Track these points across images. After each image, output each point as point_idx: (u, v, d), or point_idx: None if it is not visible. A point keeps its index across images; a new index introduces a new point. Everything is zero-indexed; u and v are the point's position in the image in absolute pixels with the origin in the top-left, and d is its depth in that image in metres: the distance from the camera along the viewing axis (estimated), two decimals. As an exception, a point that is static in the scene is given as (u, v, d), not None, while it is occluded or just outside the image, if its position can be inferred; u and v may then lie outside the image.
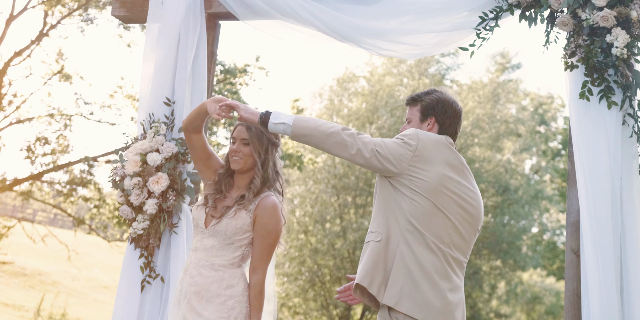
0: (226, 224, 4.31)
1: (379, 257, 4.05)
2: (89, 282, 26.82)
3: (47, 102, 18.47)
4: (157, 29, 5.30)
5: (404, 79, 25.78)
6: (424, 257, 4.04)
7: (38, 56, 17.54)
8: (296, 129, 4.07)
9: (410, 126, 4.45)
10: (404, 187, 4.11)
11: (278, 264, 24.30)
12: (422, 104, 4.44)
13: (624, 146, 4.23)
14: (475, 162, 25.04)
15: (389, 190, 4.16)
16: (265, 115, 4.09)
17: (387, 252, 4.05)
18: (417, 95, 4.52)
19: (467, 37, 4.82)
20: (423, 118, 4.42)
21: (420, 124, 4.42)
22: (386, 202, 4.16)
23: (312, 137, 4.08)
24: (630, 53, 4.24)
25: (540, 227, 31.04)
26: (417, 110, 4.45)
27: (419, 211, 4.08)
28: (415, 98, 4.51)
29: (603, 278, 4.05)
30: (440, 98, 4.43)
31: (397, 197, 4.12)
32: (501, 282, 27.00)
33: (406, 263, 4.02)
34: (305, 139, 4.09)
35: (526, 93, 30.71)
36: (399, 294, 3.98)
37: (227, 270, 4.32)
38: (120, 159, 5.18)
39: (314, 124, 4.08)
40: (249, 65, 18.60)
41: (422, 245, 4.06)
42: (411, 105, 4.50)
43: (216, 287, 4.27)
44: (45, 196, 19.60)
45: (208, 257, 4.33)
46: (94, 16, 18.51)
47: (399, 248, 4.04)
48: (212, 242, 4.34)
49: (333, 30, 4.93)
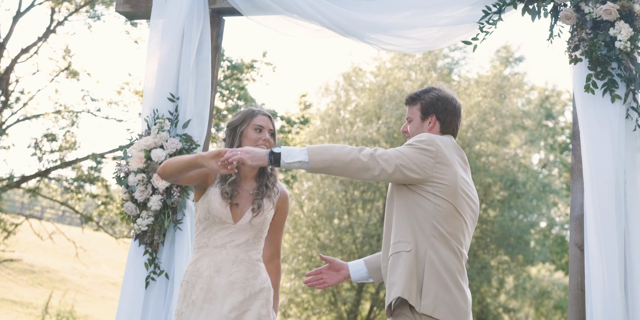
0: (263, 217, 4.32)
1: (412, 267, 4.03)
2: (97, 279, 26.90)
3: (55, 98, 18.56)
4: (161, 25, 5.30)
5: (411, 73, 25.75)
6: (450, 260, 4.06)
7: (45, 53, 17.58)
8: (314, 164, 4.00)
9: (411, 125, 4.46)
10: (426, 193, 4.11)
11: (286, 259, 24.34)
12: (422, 102, 4.44)
13: (627, 140, 4.22)
14: (482, 156, 25.01)
15: (409, 197, 4.15)
16: (275, 156, 3.98)
17: (417, 260, 4.04)
18: (416, 93, 4.51)
19: (471, 31, 4.82)
20: (424, 116, 4.42)
21: (421, 123, 4.42)
22: (408, 209, 4.14)
23: (331, 168, 4.02)
24: (634, 46, 4.23)
25: (548, 222, 30.98)
26: (417, 109, 4.44)
27: (443, 215, 4.09)
28: (414, 97, 4.49)
29: (607, 272, 4.05)
30: (440, 95, 4.43)
31: (420, 202, 4.11)
32: (509, 276, 26.97)
33: (437, 269, 4.03)
34: (325, 171, 4.03)
35: (533, 87, 30.63)
36: (434, 301, 3.98)
37: (260, 264, 4.36)
38: (124, 155, 5.19)
39: (330, 156, 4.00)
40: (256, 60, 18.61)
41: (448, 249, 4.08)
42: (411, 104, 4.49)
43: (259, 282, 4.28)
44: (53, 193, 19.66)
45: (244, 252, 4.31)
46: (101, 12, 18.55)
47: (427, 255, 4.04)
48: (246, 236, 4.32)
49: (336, 24, 4.93)
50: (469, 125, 24.82)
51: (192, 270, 4.30)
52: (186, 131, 5.14)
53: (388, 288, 4.10)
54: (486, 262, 24.89)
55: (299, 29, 5.16)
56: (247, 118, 4.43)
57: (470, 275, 23.70)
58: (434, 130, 4.40)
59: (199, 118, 5.19)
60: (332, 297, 24.78)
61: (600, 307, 4.02)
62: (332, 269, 4.63)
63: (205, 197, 4.34)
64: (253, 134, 4.41)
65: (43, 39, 18.13)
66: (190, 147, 5.10)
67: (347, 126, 25.65)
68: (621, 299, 4.01)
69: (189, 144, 5.10)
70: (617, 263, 4.05)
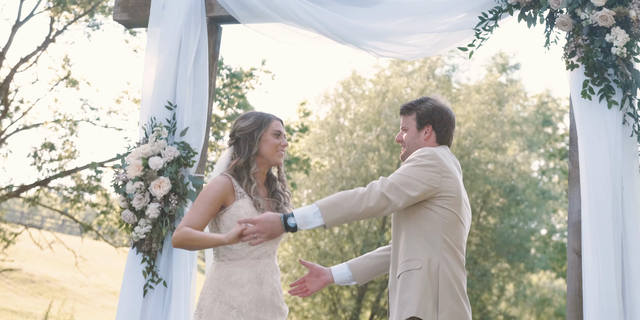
0: None
1: (425, 284, 4.04)
2: (97, 289, 26.87)
3: (54, 108, 18.54)
4: (158, 33, 5.30)
5: (410, 81, 25.80)
6: (459, 272, 4.12)
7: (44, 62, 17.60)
8: (330, 224, 4.05)
9: (407, 135, 4.49)
10: (435, 206, 4.14)
11: (285, 268, 24.32)
12: (417, 112, 4.46)
13: (624, 145, 4.22)
14: (480, 164, 25.02)
15: (418, 213, 4.17)
16: (293, 228, 4.03)
17: (430, 276, 4.05)
18: (411, 104, 4.53)
19: (467, 37, 4.82)
20: (420, 126, 4.44)
21: (417, 133, 4.44)
22: (417, 225, 4.16)
23: (347, 221, 4.09)
24: (630, 52, 4.23)
25: (548, 229, 30.98)
26: (413, 118, 4.47)
27: (450, 227, 4.13)
28: (409, 107, 4.52)
29: (603, 278, 4.04)
30: (435, 106, 4.45)
31: (430, 216, 4.14)
32: (510, 284, 26.96)
33: (450, 282, 4.07)
34: (343, 223, 4.11)
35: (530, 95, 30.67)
36: (449, 315, 4.01)
37: None
38: (122, 163, 5.19)
39: (343, 212, 4.01)
40: (255, 69, 18.63)
41: (456, 260, 4.13)
42: (406, 114, 4.52)
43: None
44: (52, 202, 19.65)
45: (274, 261, 4.43)
46: (100, 21, 18.57)
47: (439, 269, 4.07)
48: (273, 245, 4.42)
49: (333, 32, 4.93)
50: (467, 132, 24.84)
51: (230, 282, 4.30)
52: (184, 139, 5.13)
53: (399, 306, 4.09)
54: (486, 270, 24.87)
55: (296, 36, 5.16)
56: (264, 123, 4.47)
57: (471, 283, 23.70)
58: (430, 140, 4.42)
59: (196, 126, 5.18)
60: (333, 306, 24.74)
61: (597, 313, 4.01)
62: (313, 275, 4.66)
63: (230, 210, 4.35)
64: (273, 139, 4.46)
65: (42, 48, 18.16)
66: (187, 155, 5.09)
67: (346, 133, 25.70)
68: (618, 304, 4.00)
69: (186, 152, 5.09)
70: (614, 269, 4.05)
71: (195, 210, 4.31)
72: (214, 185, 4.36)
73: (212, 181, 4.40)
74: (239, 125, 4.51)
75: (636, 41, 4.23)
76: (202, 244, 4.23)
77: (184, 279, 4.96)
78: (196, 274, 5.12)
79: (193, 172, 5.14)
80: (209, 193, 4.34)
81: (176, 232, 4.25)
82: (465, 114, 25.17)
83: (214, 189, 4.34)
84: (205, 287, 4.36)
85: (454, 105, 25.39)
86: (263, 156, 4.47)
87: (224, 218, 4.36)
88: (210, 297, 4.28)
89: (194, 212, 4.30)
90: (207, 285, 4.35)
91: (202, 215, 4.30)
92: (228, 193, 4.36)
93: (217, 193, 4.33)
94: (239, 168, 4.45)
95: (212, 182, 4.39)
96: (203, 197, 4.34)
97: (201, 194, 4.36)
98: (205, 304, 4.28)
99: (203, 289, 4.38)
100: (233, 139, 4.52)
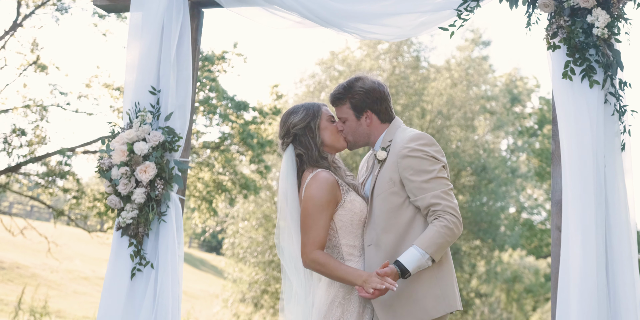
0: None
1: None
2: (68, 274, 26.71)
3: (23, 93, 18.32)
4: (140, 18, 5.27)
5: (380, 62, 25.79)
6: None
7: (13, 47, 17.32)
8: (438, 259, 4.17)
9: (347, 125, 4.46)
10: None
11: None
12: (351, 101, 4.43)
13: (606, 124, 4.29)
14: (452, 142, 25.15)
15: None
16: (410, 274, 4.11)
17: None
18: (340, 93, 4.49)
19: (449, 18, 4.83)
20: (358, 115, 4.43)
21: (357, 121, 4.43)
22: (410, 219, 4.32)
23: (446, 248, 4.23)
24: (611, 33, 4.28)
25: (517, 207, 31.28)
26: (348, 108, 4.45)
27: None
28: (340, 97, 4.48)
29: (584, 254, 4.09)
30: (366, 88, 4.43)
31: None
32: (481, 261, 27.22)
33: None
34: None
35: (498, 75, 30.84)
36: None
37: None
38: (106, 148, 5.18)
39: (444, 246, 4.15)
40: (226, 52, 18.54)
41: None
42: (339, 105, 4.48)
43: None
44: (22, 188, 19.48)
45: None
46: (68, 5, 18.33)
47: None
48: None
49: (316, 15, 4.92)
50: (439, 111, 24.93)
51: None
52: (168, 124, 5.13)
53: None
54: (458, 248, 25.08)
55: (280, 20, 5.14)
56: (317, 112, 4.47)
57: (443, 261, 23.81)
58: (374, 123, 4.42)
59: (180, 110, 5.17)
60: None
61: (577, 291, 4.07)
62: None
63: (345, 207, 4.30)
64: (330, 125, 4.46)
65: (10, 32, 17.92)
66: (172, 140, 5.09)
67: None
68: (597, 280, 4.07)
69: (171, 137, 5.09)
70: (595, 246, 4.11)
71: (316, 224, 4.21)
72: (322, 186, 4.28)
73: (315, 182, 4.32)
74: (292, 121, 4.47)
75: (617, 22, 4.28)
76: (337, 277, 4.19)
77: (172, 261, 4.98)
78: (183, 256, 5.15)
79: (178, 157, 5.15)
80: (322, 196, 4.26)
81: (309, 256, 4.20)
82: (435, 92, 25.25)
83: (324, 190, 4.26)
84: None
85: (424, 84, 25.46)
86: (327, 144, 4.44)
87: (341, 216, 4.32)
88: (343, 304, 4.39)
89: (318, 227, 4.22)
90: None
91: (325, 228, 4.22)
92: (336, 189, 4.31)
93: (330, 194, 4.27)
94: (317, 160, 4.42)
95: (316, 184, 4.31)
96: (316, 204, 4.24)
97: (312, 202, 4.28)
98: None
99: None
100: (289, 136, 4.49)
